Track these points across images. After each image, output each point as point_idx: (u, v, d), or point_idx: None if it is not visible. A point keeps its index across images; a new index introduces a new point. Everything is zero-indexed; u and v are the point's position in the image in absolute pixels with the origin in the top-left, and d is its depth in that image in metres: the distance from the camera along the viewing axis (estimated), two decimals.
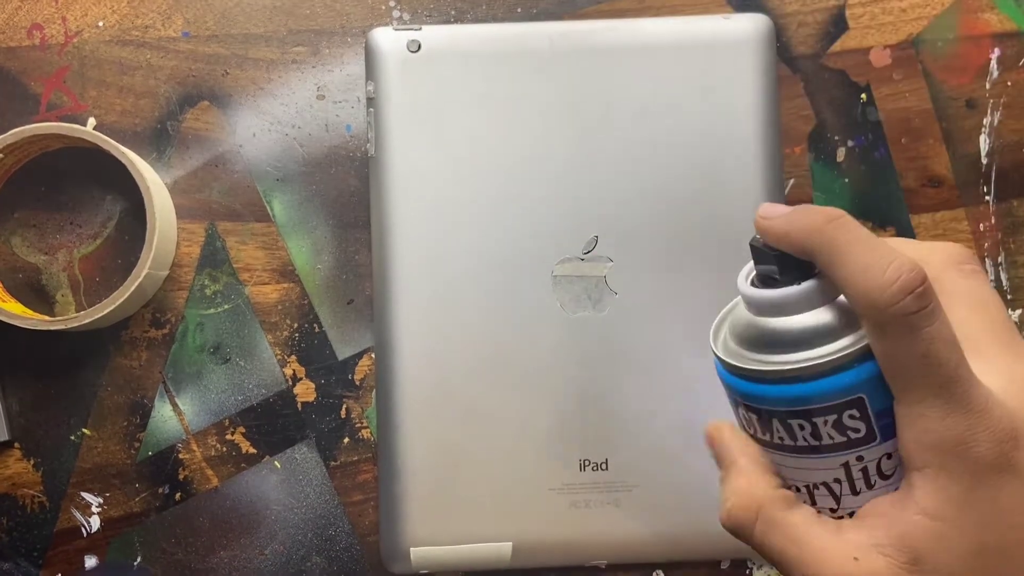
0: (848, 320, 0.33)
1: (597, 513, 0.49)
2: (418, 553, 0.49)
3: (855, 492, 0.34)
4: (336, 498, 0.52)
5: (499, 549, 0.49)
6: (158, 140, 0.53)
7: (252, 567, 0.52)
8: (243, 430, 0.52)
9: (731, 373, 0.36)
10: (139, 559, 0.52)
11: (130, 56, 0.53)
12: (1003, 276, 0.54)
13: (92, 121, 0.53)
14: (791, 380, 0.34)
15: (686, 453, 0.49)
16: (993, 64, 0.54)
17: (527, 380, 0.49)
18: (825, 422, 0.34)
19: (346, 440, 0.52)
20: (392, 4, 0.54)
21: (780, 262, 0.34)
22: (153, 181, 0.50)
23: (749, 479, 0.36)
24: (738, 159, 0.50)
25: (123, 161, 0.49)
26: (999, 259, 0.54)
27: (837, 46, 0.54)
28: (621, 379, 0.49)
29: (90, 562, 0.52)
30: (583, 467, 0.49)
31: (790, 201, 0.53)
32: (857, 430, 0.33)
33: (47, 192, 0.53)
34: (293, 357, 0.53)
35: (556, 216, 0.50)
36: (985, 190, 0.54)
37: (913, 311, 0.30)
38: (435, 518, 0.49)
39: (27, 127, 0.49)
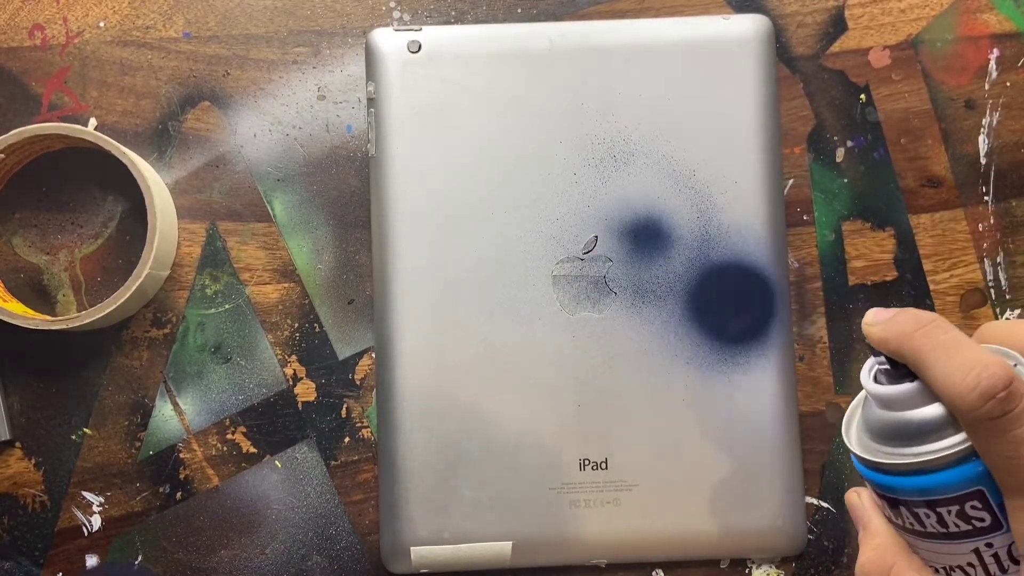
0: None
1: (597, 513, 0.50)
2: (418, 552, 0.49)
3: (990, 575, 0.35)
4: (336, 497, 0.52)
5: (499, 549, 0.49)
6: (159, 140, 0.53)
7: (253, 566, 0.52)
8: (244, 430, 0.52)
9: (860, 463, 0.37)
10: (140, 558, 0.52)
11: (131, 57, 0.53)
12: (1002, 276, 0.54)
13: (93, 121, 0.53)
14: (911, 473, 0.35)
15: (686, 453, 0.50)
16: (992, 65, 0.54)
17: (527, 380, 0.49)
18: (949, 512, 0.35)
19: (346, 440, 0.52)
20: (392, 5, 0.54)
21: (891, 361, 0.35)
22: (154, 181, 0.51)
23: (885, 540, 0.37)
24: (738, 159, 0.50)
25: (124, 161, 0.49)
26: (998, 259, 0.54)
27: (836, 47, 0.54)
28: (621, 379, 0.49)
29: (91, 561, 0.52)
30: (583, 467, 0.49)
31: (789, 201, 0.53)
32: (982, 519, 0.34)
33: (48, 192, 0.53)
34: (294, 357, 0.53)
35: (556, 216, 0.50)
36: (984, 190, 0.54)
37: (997, 415, 0.31)
38: (435, 517, 0.49)
39: (28, 127, 0.49)
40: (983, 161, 0.54)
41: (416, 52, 0.50)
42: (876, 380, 0.36)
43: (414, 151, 0.50)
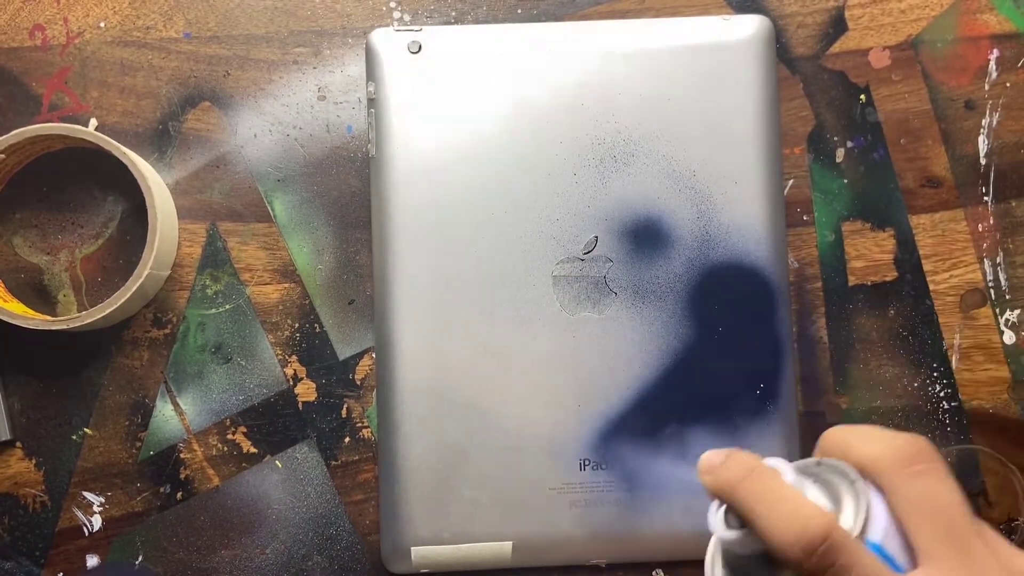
0: None
1: (597, 513, 0.50)
2: (419, 552, 0.49)
3: None
4: (337, 497, 0.52)
5: (499, 549, 0.49)
6: (159, 141, 0.53)
7: (253, 566, 0.52)
8: (244, 430, 0.52)
9: None
10: (140, 558, 0.52)
11: (131, 57, 0.53)
12: (1002, 276, 0.54)
13: (94, 122, 0.53)
14: None
15: (686, 453, 0.50)
16: (992, 65, 0.54)
17: (527, 380, 0.49)
18: None
19: (347, 440, 0.52)
20: (393, 5, 0.54)
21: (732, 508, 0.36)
22: (155, 182, 0.51)
23: None
24: (738, 159, 0.50)
25: (124, 162, 0.49)
26: (997, 259, 0.54)
27: (836, 47, 0.54)
28: (621, 379, 0.50)
29: (91, 561, 0.52)
30: (583, 467, 0.49)
31: (789, 202, 0.53)
32: None
33: (49, 192, 0.53)
34: (294, 357, 0.53)
35: (556, 216, 0.50)
36: (984, 190, 0.54)
37: (821, 569, 0.32)
38: (435, 517, 0.49)
39: (29, 128, 0.49)
40: (983, 161, 0.54)
41: (416, 52, 0.50)
42: (726, 522, 0.36)
43: (414, 151, 0.50)
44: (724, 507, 0.36)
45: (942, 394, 0.53)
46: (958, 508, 0.33)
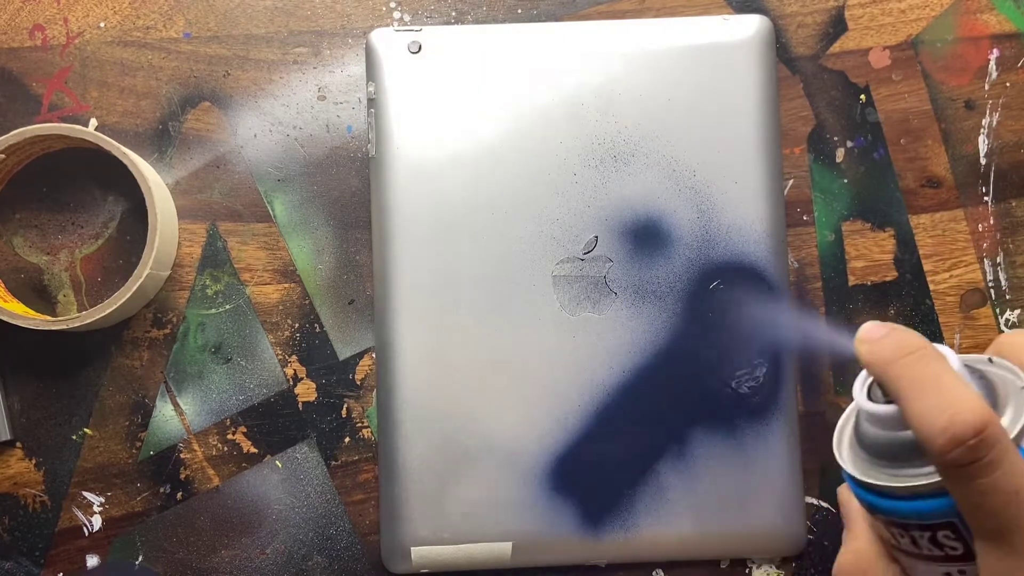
0: None
1: (597, 513, 0.50)
2: (419, 552, 0.49)
3: None
4: (337, 497, 0.52)
5: (499, 549, 0.49)
6: (159, 141, 0.53)
7: (253, 566, 0.52)
8: (244, 430, 0.52)
9: (843, 470, 0.36)
10: (140, 558, 0.52)
11: (132, 57, 0.53)
12: (1002, 276, 0.54)
13: (94, 122, 0.53)
14: (885, 495, 0.34)
15: (686, 453, 0.50)
16: (992, 65, 0.54)
17: (527, 380, 0.49)
18: (922, 536, 0.34)
19: (347, 440, 0.52)
20: (393, 5, 0.54)
21: (881, 385, 0.35)
22: (154, 182, 0.51)
23: (863, 545, 0.37)
24: (738, 159, 0.50)
25: (124, 162, 0.49)
26: (998, 259, 0.54)
27: (836, 47, 0.54)
28: (621, 378, 0.50)
29: (91, 561, 0.52)
30: (583, 466, 0.49)
31: (789, 202, 0.53)
32: (955, 548, 0.34)
33: (49, 192, 0.53)
34: (294, 357, 0.53)
35: (556, 216, 0.50)
36: (984, 191, 0.54)
37: (964, 463, 0.31)
38: (435, 518, 0.49)
39: (29, 128, 0.49)
40: (983, 161, 0.54)
41: (416, 52, 0.50)
42: (869, 393, 0.35)
43: (414, 151, 0.50)
44: (872, 380, 0.35)
45: None
46: None
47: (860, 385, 0.35)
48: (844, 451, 0.37)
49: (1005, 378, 0.34)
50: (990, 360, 0.35)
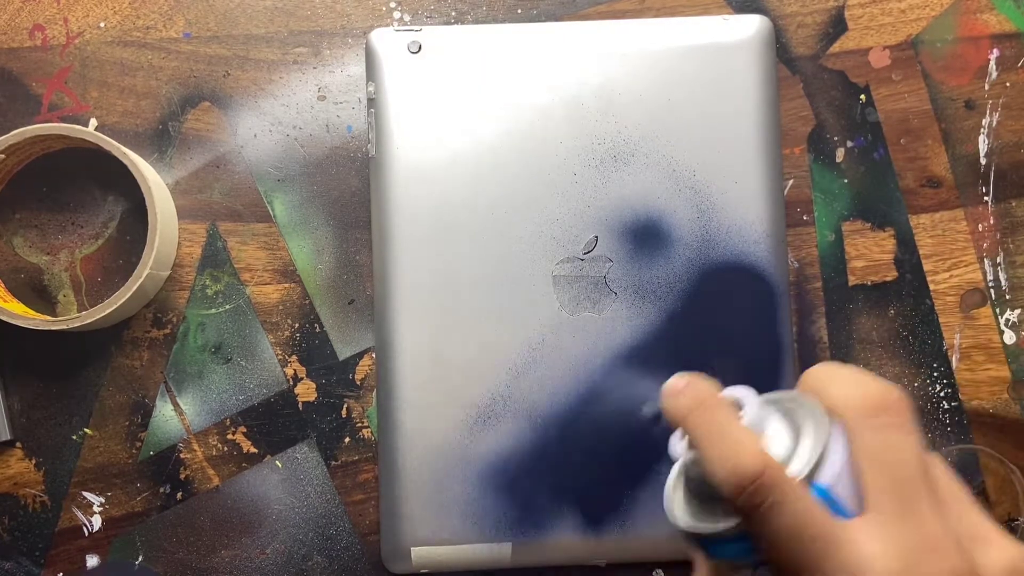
0: None
1: (597, 513, 0.50)
2: (419, 553, 0.49)
3: None
4: (337, 497, 0.52)
5: (499, 549, 0.49)
6: (159, 141, 0.53)
7: (253, 566, 0.52)
8: (244, 430, 0.52)
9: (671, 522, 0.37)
10: (140, 558, 0.52)
11: (131, 57, 0.53)
12: (1002, 276, 0.54)
13: (94, 122, 0.53)
14: (708, 539, 0.35)
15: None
16: (992, 65, 0.54)
17: (527, 380, 0.49)
18: (749, 574, 0.35)
19: (347, 440, 0.52)
20: (393, 5, 0.54)
21: None
22: (154, 182, 0.51)
23: None
24: (738, 159, 0.50)
25: (124, 162, 0.49)
26: (998, 259, 0.54)
27: (836, 47, 0.54)
28: (620, 378, 0.50)
29: (91, 561, 0.52)
30: (583, 466, 0.49)
31: (789, 202, 0.53)
32: None
33: (49, 192, 0.53)
34: (294, 357, 0.53)
35: (556, 216, 0.50)
36: (984, 190, 0.54)
37: (752, 506, 0.32)
38: (435, 518, 0.49)
39: (29, 128, 0.49)
40: (983, 161, 0.54)
41: (416, 52, 0.50)
42: (689, 441, 0.36)
43: (414, 151, 0.50)
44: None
45: (942, 394, 0.53)
46: (912, 465, 0.33)
47: (679, 437, 0.37)
48: (675, 504, 0.38)
49: (807, 412, 0.35)
50: (794, 398, 0.36)
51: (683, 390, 0.36)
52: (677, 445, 0.36)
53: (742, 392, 0.36)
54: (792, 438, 0.34)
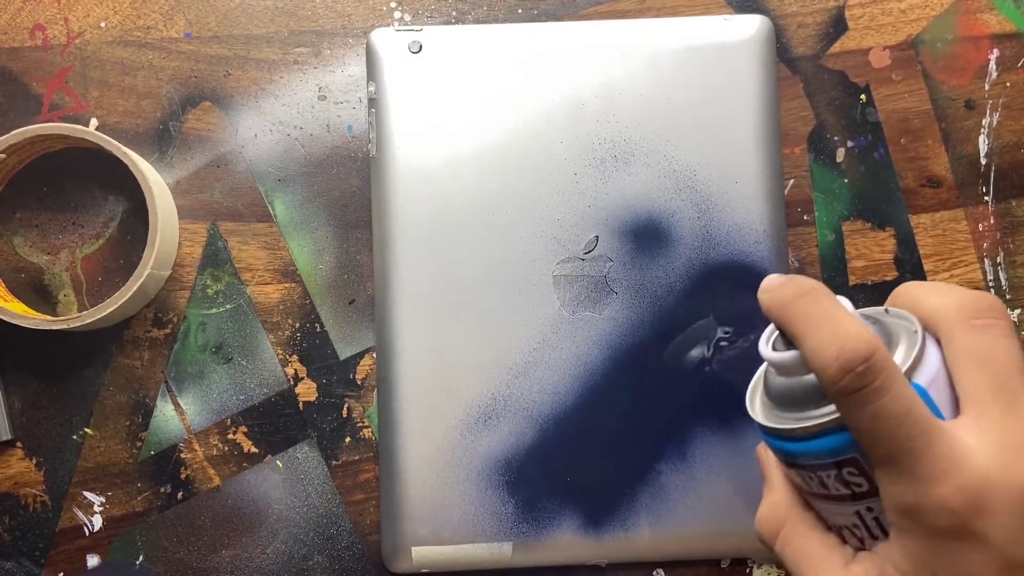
0: None
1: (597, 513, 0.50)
2: (419, 552, 0.49)
3: (874, 537, 0.36)
4: (338, 497, 0.52)
5: (499, 549, 0.49)
6: (160, 140, 0.53)
7: (254, 566, 0.52)
8: (245, 429, 0.52)
9: (754, 424, 0.38)
10: (141, 558, 0.52)
11: (132, 57, 0.53)
12: (1002, 276, 0.54)
13: (94, 121, 0.53)
14: (791, 438, 0.35)
15: (687, 452, 0.50)
16: (992, 65, 0.54)
17: (527, 380, 0.49)
18: (829, 476, 0.35)
19: (347, 439, 0.52)
20: (393, 5, 0.54)
21: (781, 328, 0.36)
22: (155, 181, 0.51)
23: (779, 496, 0.38)
24: (738, 159, 0.50)
25: (125, 161, 0.49)
26: (998, 259, 0.54)
27: (836, 47, 0.54)
28: (621, 378, 0.50)
29: (92, 561, 0.52)
30: (583, 466, 0.49)
31: (789, 202, 0.53)
32: (860, 485, 0.35)
33: (49, 192, 0.53)
34: (295, 357, 0.53)
35: (556, 216, 0.50)
36: (984, 190, 0.54)
37: (855, 389, 0.32)
38: (436, 518, 0.49)
39: (29, 127, 0.49)
40: (983, 161, 0.54)
41: (417, 52, 0.50)
42: (773, 346, 0.36)
43: (415, 151, 0.50)
44: (776, 331, 0.36)
45: None
46: (1013, 364, 0.33)
47: (765, 340, 0.37)
48: (756, 406, 0.38)
49: (899, 324, 0.35)
50: (887, 310, 0.36)
51: (785, 282, 0.36)
52: (764, 341, 0.36)
53: (841, 298, 0.35)
54: (885, 343, 0.34)
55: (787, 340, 0.36)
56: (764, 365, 0.39)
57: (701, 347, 0.49)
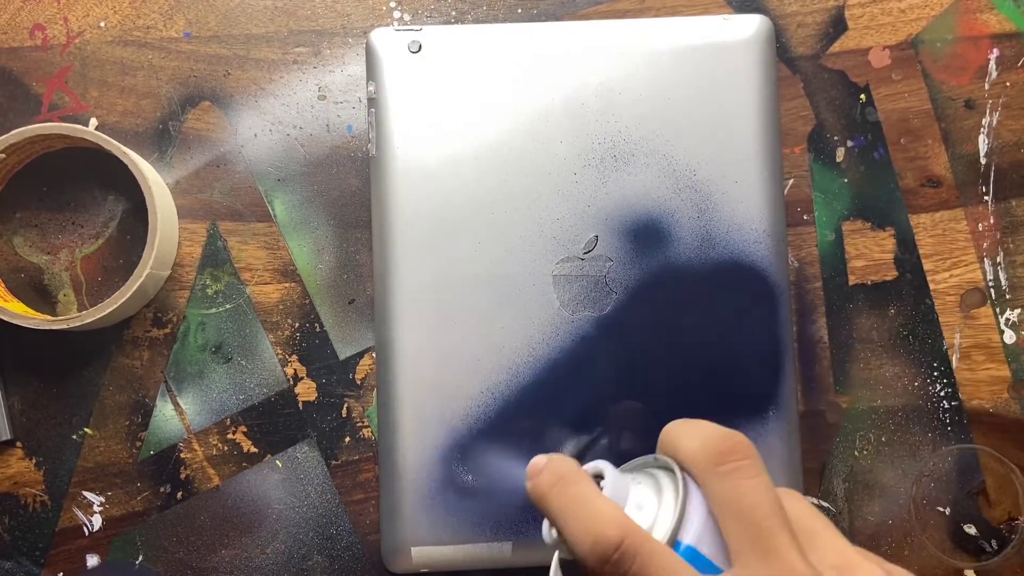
0: None
1: None
2: (419, 552, 0.49)
3: None
4: (337, 497, 0.52)
5: (499, 549, 0.49)
6: (160, 140, 0.53)
7: (253, 566, 0.52)
8: (244, 429, 0.52)
9: None
10: (140, 558, 0.52)
11: (132, 56, 0.53)
12: (1002, 276, 0.54)
13: (94, 121, 0.53)
14: None
15: None
16: (992, 65, 0.54)
17: (527, 379, 0.49)
18: None
19: (347, 439, 0.52)
20: (393, 5, 0.54)
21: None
22: (155, 181, 0.51)
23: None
24: (738, 159, 0.50)
25: (125, 161, 0.49)
26: (998, 259, 0.54)
27: (836, 47, 0.54)
28: (620, 378, 0.50)
29: (92, 561, 0.52)
30: (583, 466, 0.49)
31: (789, 201, 0.53)
32: None
33: (49, 192, 0.53)
34: (294, 356, 0.53)
35: (556, 216, 0.50)
36: (984, 190, 0.54)
37: (619, 575, 0.32)
38: (435, 518, 0.49)
39: (29, 127, 0.49)
40: (983, 161, 0.54)
41: (416, 52, 0.50)
42: (553, 529, 0.35)
43: (414, 151, 0.50)
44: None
45: (942, 394, 0.53)
46: (763, 506, 0.32)
47: (545, 521, 0.36)
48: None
49: (665, 475, 0.34)
50: (654, 459, 0.35)
51: (544, 467, 0.35)
52: (548, 532, 0.35)
53: (599, 465, 0.35)
54: (657, 502, 0.34)
55: None
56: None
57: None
